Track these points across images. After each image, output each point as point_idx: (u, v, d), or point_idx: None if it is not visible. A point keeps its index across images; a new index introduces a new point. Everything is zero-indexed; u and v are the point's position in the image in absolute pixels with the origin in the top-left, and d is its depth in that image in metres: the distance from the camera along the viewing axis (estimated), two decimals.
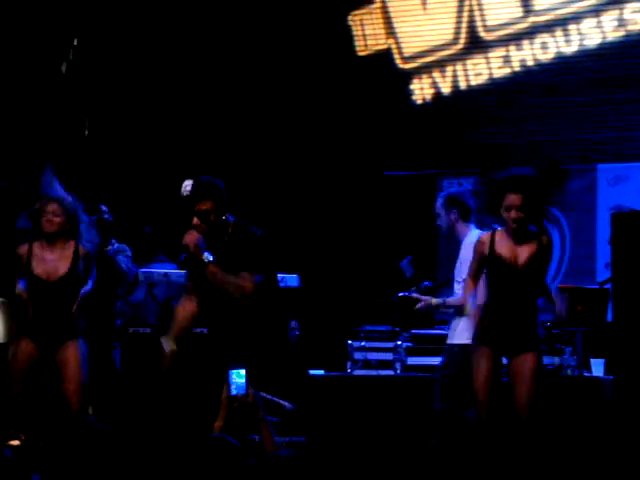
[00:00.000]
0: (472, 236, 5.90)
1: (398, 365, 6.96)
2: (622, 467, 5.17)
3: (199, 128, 9.57)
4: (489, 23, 9.22)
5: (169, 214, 8.72)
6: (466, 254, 5.83)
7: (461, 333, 5.96)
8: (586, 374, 6.39)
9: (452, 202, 6.25)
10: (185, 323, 5.23)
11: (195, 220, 5.04)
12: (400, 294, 6.16)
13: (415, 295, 6.26)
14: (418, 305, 6.24)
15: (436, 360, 6.76)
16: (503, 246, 5.28)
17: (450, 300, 6.14)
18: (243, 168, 9.10)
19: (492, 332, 5.26)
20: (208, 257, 5.00)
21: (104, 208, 7.19)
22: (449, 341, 6.12)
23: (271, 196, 9.14)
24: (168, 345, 5.14)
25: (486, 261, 5.32)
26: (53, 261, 5.72)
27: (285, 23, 9.52)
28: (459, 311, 5.90)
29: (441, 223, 6.25)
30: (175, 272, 7.08)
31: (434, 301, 6.18)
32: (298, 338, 7.87)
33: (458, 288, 6.03)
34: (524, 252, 5.25)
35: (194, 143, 9.54)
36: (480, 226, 6.05)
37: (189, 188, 5.09)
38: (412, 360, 6.96)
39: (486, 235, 5.38)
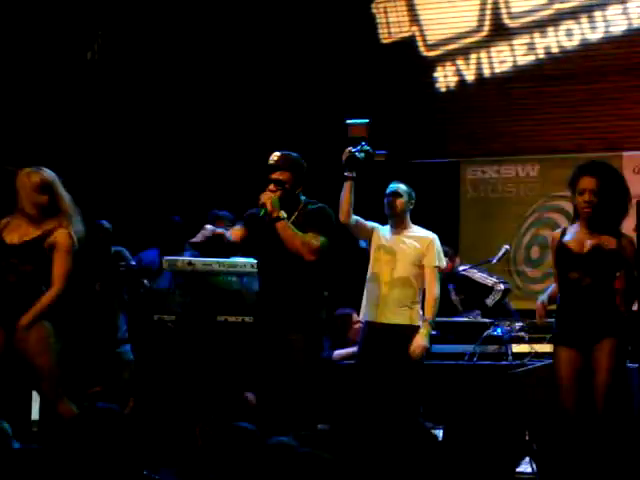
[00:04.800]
0: None
1: None
2: None
3: (223, 120, 9.59)
4: (513, 10, 9.19)
5: (198, 204, 8.80)
6: None
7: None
8: None
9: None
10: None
11: (271, 187, 5.49)
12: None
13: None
14: None
15: (460, 348, 6.78)
16: (572, 235, 5.26)
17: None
18: (264, 154, 9.12)
19: (567, 329, 5.22)
20: (283, 214, 5.45)
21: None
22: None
23: None
24: None
25: (556, 254, 5.30)
26: None
27: (309, 11, 9.52)
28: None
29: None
30: (200, 260, 7.09)
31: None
32: None
33: None
34: (593, 241, 5.20)
35: (220, 135, 9.56)
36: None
37: (275, 158, 5.57)
38: (436, 348, 6.98)
39: (557, 231, 5.39)
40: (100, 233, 7.40)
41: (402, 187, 6.40)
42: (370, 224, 6.37)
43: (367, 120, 6.31)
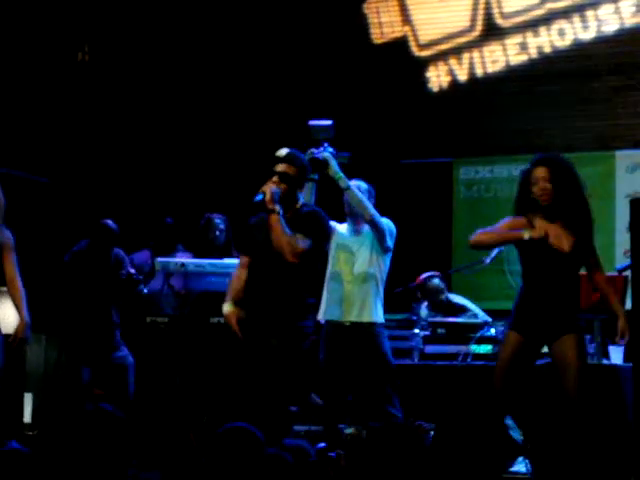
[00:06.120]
0: None
1: (415, 353, 6.96)
2: None
3: (216, 122, 9.58)
4: (506, 10, 9.18)
5: (190, 206, 8.78)
6: None
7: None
8: (605, 362, 6.37)
9: None
10: (240, 289, 5.61)
11: (275, 179, 5.49)
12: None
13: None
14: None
15: (454, 348, 6.77)
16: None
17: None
18: (253, 155, 9.13)
19: (526, 318, 5.26)
20: (278, 208, 5.42)
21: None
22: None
23: None
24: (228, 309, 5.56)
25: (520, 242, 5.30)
26: None
27: (301, 11, 9.52)
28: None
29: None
30: (192, 262, 7.07)
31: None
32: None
33: None
34: (570, 237, 5.22)
35: (212, 137, 9.55)
36: None
37: (284, 152, 5.57)
38: (429, 348, 6.97)
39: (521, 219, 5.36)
40: (104, 234, 7.23)
41: (361, 185, 6.35)
42: None
43: (330, 122, 6.26)
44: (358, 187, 6.30)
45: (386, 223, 6.27)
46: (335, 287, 6.26)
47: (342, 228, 6.37)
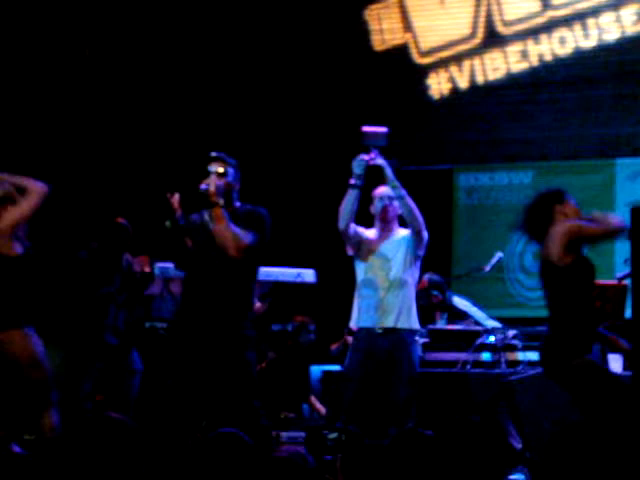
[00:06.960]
0: None
1: None
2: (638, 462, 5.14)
3: (216, 128, 9.57)
4: (507, 17, 9.19)
5: (190, 210, 8.77)
6: None
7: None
8: None
9: None
10: None
11: (213, 177, 5.53)
12: None
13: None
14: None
15: (453, 355, 6.76)
16: None
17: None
18: (258, 162, 9.11)
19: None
20: (222, 202, 5.44)
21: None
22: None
23: (287, 191, 9.13)
24: None
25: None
26: None
27: (302, 18, 9.52)
28: None
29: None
30: None
31: None
32: (313, 340, 7.90)
33: None
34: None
35: (212, 141, 9.53)
36: None
37: (215, 153, 5.65)
38: (429, 356, 6.96)
39: None
40: (119, 233, 7.14)
41: (389, 193, 6.35)
42: (360, 230, 6.33)
43: (385, 129, 6.20)
44: (391, 194, 6.30)
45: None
46: (370, 293, 6.20)
47: (371, 234, 6.33)
